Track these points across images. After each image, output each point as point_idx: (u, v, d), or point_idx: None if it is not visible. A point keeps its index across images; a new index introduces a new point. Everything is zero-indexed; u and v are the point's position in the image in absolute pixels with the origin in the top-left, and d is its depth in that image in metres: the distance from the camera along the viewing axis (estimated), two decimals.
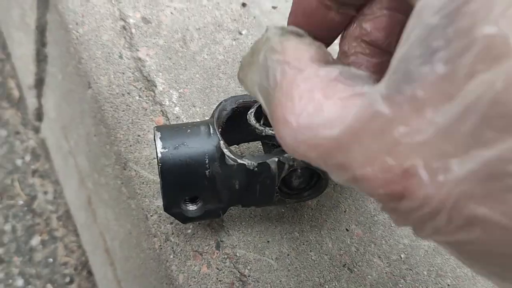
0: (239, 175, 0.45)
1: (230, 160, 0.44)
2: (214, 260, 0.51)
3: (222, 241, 0.51)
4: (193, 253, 0.52)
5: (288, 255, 0.51)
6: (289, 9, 0.32)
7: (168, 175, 0.44)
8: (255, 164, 0.44)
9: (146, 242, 0.57)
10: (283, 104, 0.25)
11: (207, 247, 0.52)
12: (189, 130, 0.46)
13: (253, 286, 0.49)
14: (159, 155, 0.44)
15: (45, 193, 0.92)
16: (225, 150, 0.44)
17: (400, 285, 0.51)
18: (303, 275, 0.50)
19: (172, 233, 0.53)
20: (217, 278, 0.50)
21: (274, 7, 0.65)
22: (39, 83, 0.85)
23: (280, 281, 0.50)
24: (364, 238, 0.52)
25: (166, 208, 0.47)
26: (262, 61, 0.28)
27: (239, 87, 0.59)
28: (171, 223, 0.53)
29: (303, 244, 0.52)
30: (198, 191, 0.46)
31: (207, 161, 0.44)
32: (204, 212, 0.47)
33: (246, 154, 0.46)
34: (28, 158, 0.94)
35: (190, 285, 0.51)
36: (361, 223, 0.53)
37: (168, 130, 0.46)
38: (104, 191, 0.67)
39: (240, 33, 0.62)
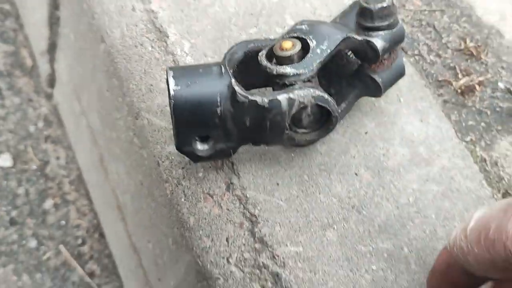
0: (250, 112, 0.45)
1: (241, 97, 0.45)
2: (224, 202, 0.52)
3: (232, 183, 0.52)
4: (204, 196, 0.53)
5: (297, 197, 0.52)
6: None
7: (180, 113, 0.45)
8: (266, 100, 0.45)
9: (158, 190, 0.58)
10: None
11: (217, 190, 0.52)
12: (201, 70, 0.47)
13: (262, 225, 0.50)
14: (172, 92, 0.45)
15: (58, 158, 0.93)
16: (236, 88, 0.45)
17: (408, 227, 0.52)
18: (312, 215, 0.51)
19: (184, 177, 0.54)
20: (227, 219, 0.51)
21: None
22: (52, 48, 0.86)
23: (289, 221, 0.51)
24: (373, 182, 0.53)
25: (178, 147, 0.48)
26: None
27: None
28: (183, 168, 0.54)
29: (312, 187, 0.53)
30: (209, 129, 0.47)
31: (218, 99, 0.45)
32: (215, 151, 0.48)
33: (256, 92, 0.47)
34: (40, 124, 0.95)
35: (201, 226, 0.52)
36: (370, 168, 0.54)
37: (180, 70, 0.47)
38: (115, 146, 0.68)
39: None
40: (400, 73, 0.53)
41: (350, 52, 0.52)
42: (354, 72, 0.52)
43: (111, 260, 0.87)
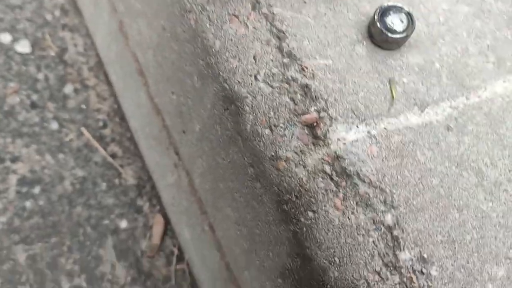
0: None
1: None
2: (250, 21, 0.51)
3: (258, 2, 0.51)
4: (229, 17, 0.52)
5: (325, 14, 0.51)
6: None
7: None
8: None
9: (181, 26, 0.57)
10: None
11: (243, 10, 0.51)
12: None
13: (290, 40, 0.49)
14: None
15: (76, 45, 0.92)
16: None
17: (439, 44, 0.51)
18: (341, 32, 0.50)
19: (208, 2, 0.53)
20: (254, 37, 0.50)
21: None
22: None
23: (317, 36, 0.50)
24: None
25: None
26: None
27: None
28: None
29: (340, 5, 0.51)
30: None
31: None
32: None
33: None
34: (57, 13, 0.94)
35: (227, 48, 0.51)
36: None
37: None
38: (135, 1, 0.67)
39: None
40: None
41: None
42: None
43: (132, 142, 0.87)
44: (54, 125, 0.87)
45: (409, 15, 0.48)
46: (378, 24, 0.48)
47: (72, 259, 0.80)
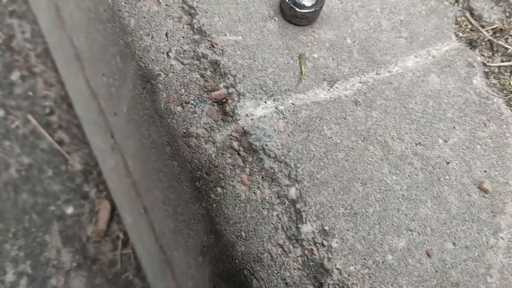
0: None
1: None
2: None
3: None
4: None
5: None
6: None
7: None
8: None
9: (102, 5, 0.57)
10: None
11: None
12: None
13: (200, 16, 0.49)
14: None
15: (23, 32, 0.92)
16: None
17: (352, 20, 0.50)
18: (253, 8, 0.50)
19: None
20: (166, 14, 0.50)
21: None
22: None
23: (229, 12, 0.50)
24: None
25: None
26: None
27: None
28: None
29: None
30: None
31: None
32: None
33: None
34: (5, 0, 0.93)
35: (141, 26, 0.51)
36: None
37: None
38: None
39: None
40: None
41: None
42: None
43: (80, 129, 0.87)
44: (0, 113, 0.86)
45: None
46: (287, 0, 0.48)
47: (17, 246, 0.79)
